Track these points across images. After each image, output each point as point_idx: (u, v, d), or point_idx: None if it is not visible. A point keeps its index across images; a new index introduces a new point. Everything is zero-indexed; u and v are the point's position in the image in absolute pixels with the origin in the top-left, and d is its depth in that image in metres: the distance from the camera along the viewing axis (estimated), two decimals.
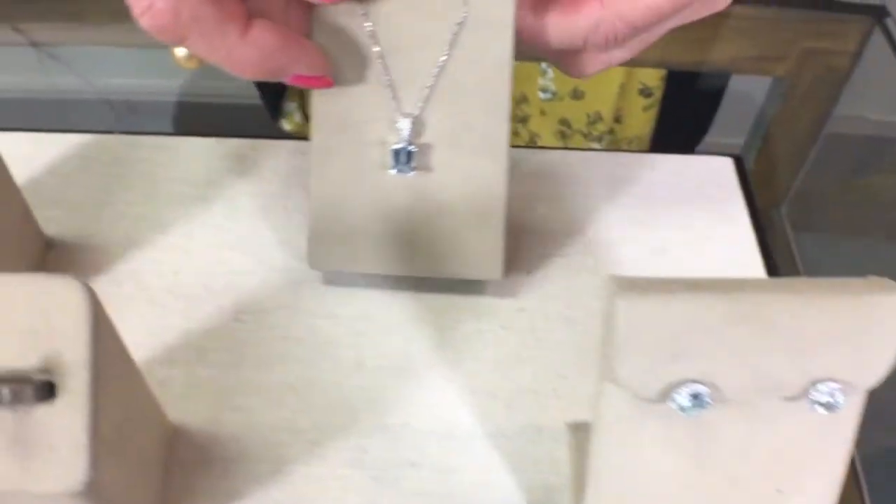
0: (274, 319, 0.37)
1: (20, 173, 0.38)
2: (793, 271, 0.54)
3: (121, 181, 0.42)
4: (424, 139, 0.34)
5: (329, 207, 0.35)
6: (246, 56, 0.28)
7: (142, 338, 0.36)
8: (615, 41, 0.30)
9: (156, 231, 0.40)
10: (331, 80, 0.32)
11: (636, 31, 0.29)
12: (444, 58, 0.32)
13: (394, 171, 0.34)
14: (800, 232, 0.81)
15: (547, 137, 0.67)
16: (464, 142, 0.34)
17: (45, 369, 0.24)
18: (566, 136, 0.68)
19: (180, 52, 0.32)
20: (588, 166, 0.44)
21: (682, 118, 0.71)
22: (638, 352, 0.23)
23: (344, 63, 0.33)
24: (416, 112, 0.33)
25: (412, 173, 0.34)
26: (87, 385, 0.24)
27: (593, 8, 0.29)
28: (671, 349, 0.23)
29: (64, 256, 0.39)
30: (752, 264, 0.40)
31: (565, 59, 0.33)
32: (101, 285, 0.38)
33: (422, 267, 0.36)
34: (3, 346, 0.24)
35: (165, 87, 1.06)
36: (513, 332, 0.37)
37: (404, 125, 0.33)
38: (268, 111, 0.76)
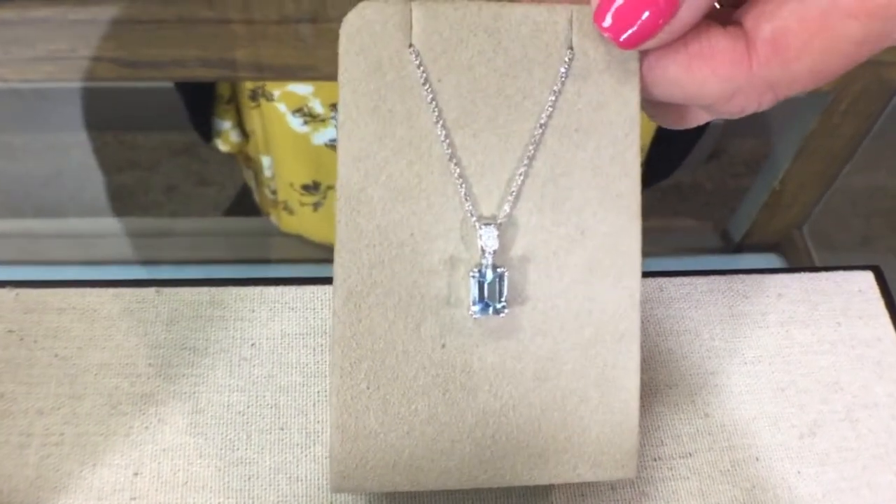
0: None
1: None
2: None
3: (20, 376, 0.28)
4: (514, 256, 0.22)
5: (366, 384, 0.22)
6: None
7: None
8: (754, 110, 0.20)
9: (82, 463, 0.26)
10: None
11: (785, 97, 0.20)
12: (541, 129, 0.21)
13: (475, 311, 0.22)
14: (822, 252, 0.73)
15: None
16: (575, 256, 0.22)
17: None
18: None
19: None
20: (695, 301, 0.31)
21: None
22: None
23: (387, 146, 0.21)
24: (503, 215, 0.22)
25: (503, 313, 0.22)
26: None
27: (738, 69, 0.19)
28: None
29: None
30: None
31: (663, 109, 0.23)
32: None
33: (513, 471, 0.23)
34: None
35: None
36: None
37: (487, 236, 0.21)
38: (198, 133, 0.62)
